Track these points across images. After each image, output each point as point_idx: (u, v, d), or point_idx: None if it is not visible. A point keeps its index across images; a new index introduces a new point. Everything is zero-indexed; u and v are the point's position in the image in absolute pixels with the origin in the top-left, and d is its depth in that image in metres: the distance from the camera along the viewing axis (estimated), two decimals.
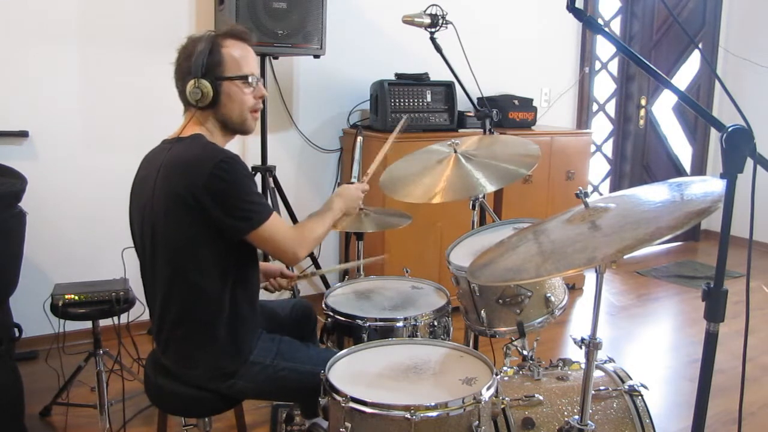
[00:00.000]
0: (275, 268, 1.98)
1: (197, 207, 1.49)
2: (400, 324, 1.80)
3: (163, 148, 1.62)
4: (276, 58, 3.36)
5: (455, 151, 2.05)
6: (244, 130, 1.68)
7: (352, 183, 1.95)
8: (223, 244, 1.55)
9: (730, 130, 1.11)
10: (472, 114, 3.47)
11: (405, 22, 2.31)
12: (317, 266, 3.48)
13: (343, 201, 1.83)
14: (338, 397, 1.37)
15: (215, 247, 1.55)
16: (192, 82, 1.57)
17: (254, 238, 1.55)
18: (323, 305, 1.92)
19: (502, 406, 1.52)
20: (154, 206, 1.56)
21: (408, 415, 1.30)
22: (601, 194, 4.94)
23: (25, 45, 2.87)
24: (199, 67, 1.56)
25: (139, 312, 2.32)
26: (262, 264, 1.89)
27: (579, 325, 3.63)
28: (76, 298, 2.31)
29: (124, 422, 2.36)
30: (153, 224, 1.57)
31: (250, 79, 1.62)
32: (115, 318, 2.35)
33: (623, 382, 1.68)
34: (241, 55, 1.62)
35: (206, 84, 1.56)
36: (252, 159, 3.34)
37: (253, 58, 1.66)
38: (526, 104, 4.00)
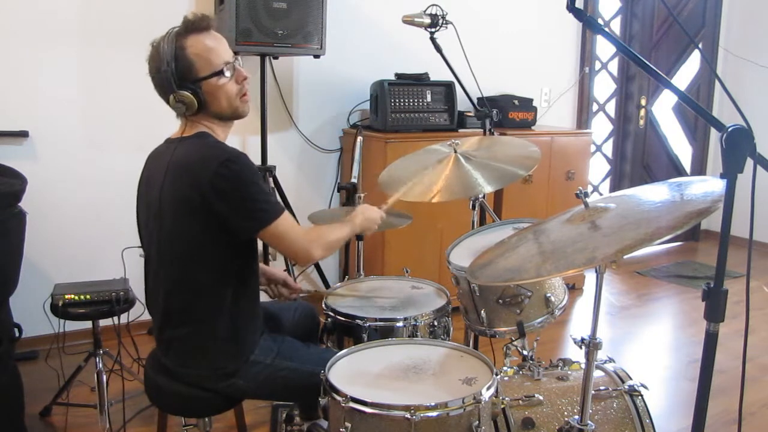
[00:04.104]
0: (279, 276, 1.97)
1: (204, 206, 1.49)
2: (400, 324, 1.80)
3: (168, 147, 1.61)
4: (276, 58, 3.36)
5: (455, 151, 2.05)
6: (238, 116, 1.66)
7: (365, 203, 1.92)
8: (227, 243, 1.55)
9: (730, 130, 1.11)
10: (472, 114, 3.47)
11: (405, 22, 2.31)
12: (319, 271, 3.49)
13: (364, 219, 1.80)
14: (338, 397, 1.37)
15: (219, 247, 1.55)
16: (172, 97, 1.54)
17: (265, 236, 1.54)
18: (323, 305, 1.92)
19: (502, 406, 1.52)
20: (161, 206, 1.56)
21: (408, 415, 1.29)
22: (601, 194, 4.94)
23: (25, 45, 2.87)
24: (171, 81, 1.52)
25: (139, 312, 2.32)
26: (265, 267, 1.88)
27: (579, 325, 3.63)
28: (76, 298, 2.31)
29: (124, 422, 2.36)
30: (160, 224, 1.57)
31: (225, 71, 1.57)
32: (115, 318, 2.35)
33: (623, 382, 1.68)
34: (207, 49, 1.55)
35: (186, 94, 1.53)
36: (252, 159, 3.31)
37: (222, 45, 1.59)
38: (526, 104, 4.00)
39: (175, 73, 1.52)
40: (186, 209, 1.51)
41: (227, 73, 1.58)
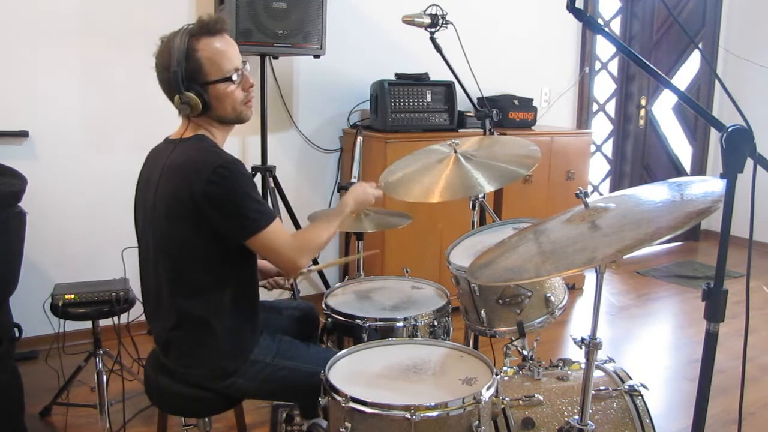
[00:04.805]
0: (272, 267, 1.97)
1: (196, 211, 1.49)
2: (400, 324, 1.80)
3: (166, 147, 1.62)
4: (276, 58, 3.36)
5: (455, 151, 2.05)
6: (241, 121, 1.66)
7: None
8: (223, 246, 1.55)
9: (730, 130, 1.11)
10: (472, 114, 3.47)
11: (405, 22, 2.31)
12: (319, 270, 3.49)
13: (356, 203, 1.81)
14: (338, 397, 1.37)
15: (216, 248, 1.55)
16: (177, 97, 1.53)
17: (252, 244, 1.55)
18: (323, 305, 1.92)
19: (502, 406, 1.52)
20: (156, 207, 1.56)
21: (408, 415, 1.30)
22: (601, 194, 4.94)
23: (25, 45, 2.87)
24: (179, 81, 1.52)
25: (139, 312, 2.31)
26: (259, 262, 1.88)
27: (579, 325, 3.63)
28: (76, 298, 2.31)
29: (124, 422, 2.36)
30: (155, 224, 1.58)
31: (233, 77, 1.57)
32: (115, 318, 2.35)
33: (623, 382, 1.68)
34: (218, 53, 1.55)
35: (192, 96, 1.53)
36: (252, 159, 3.34)
37: (233, 49, 1.59)
38: (526, 104, 4.00)
39: (184, 74, 1.52)
40: (179, 212, 1.51)
41: (235, 79, 1.58)
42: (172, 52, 1.52)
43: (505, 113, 3.86)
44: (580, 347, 1.43)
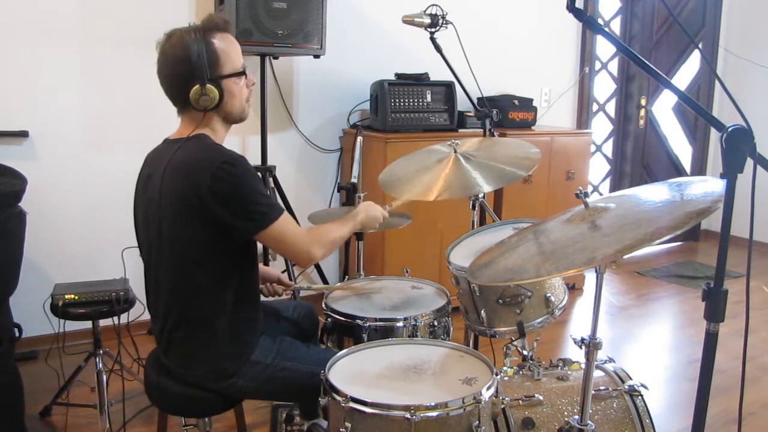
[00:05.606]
0: (273, 274, 1.98)
1: (202, 208, 1.49)
2: (400, 324, 1.80)
3: (168, 147, 1.61)
4: (276, 58, 3.36)
5: (455, 151, 2.05)
6: (242, 119, 1.68)
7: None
8: (227, 244, 1.55)
9: (730, 130, 1.11)
10: (472, 114, 3.47)
11: (405, 22, 2.31)
12: (319, 270, 3.49)
13: (366, 216, 1.81)
14: (338, 397, 1.37)
15: (219, 247, 1.55)
16: (197, 88, 1.53)
17: (264, 238, 1.54)
18: (323, 305, 1.92)
19: (502, 406, 1.52)
20: (161, 206, 1.56)
21: (408, 415, 1.29)
22: (601, 194, 4.94)
23: (25, 45, 2.87)
24: (203, 71, 1.52)
25: (139, 312, 2.32)
26: (260, 267, 1.89)
27: (579, 325, 3.63)
28: (76, 298, 2.31)
29: (124, 422, 2.36)
30: (159, 223, 1.57)
31: (246, 72, 1.62)
32: (115, 318, 2.35)
33: (623, 382, 1.68)
34: (231, 48, 1.59)
35: (212, 88, 1.54)
36: (252, 159, 3.29)
37: (238, 48, 1.63)
38: (526, 104, 4.00)
39: (207, 65, 1.53)
40: (184, 211, 1.51)
41: (247, 74, 1.62)
42: (189, 45, 1.52)
43: (505, 113, 3.86)
44: (580, 347, 1.43)
